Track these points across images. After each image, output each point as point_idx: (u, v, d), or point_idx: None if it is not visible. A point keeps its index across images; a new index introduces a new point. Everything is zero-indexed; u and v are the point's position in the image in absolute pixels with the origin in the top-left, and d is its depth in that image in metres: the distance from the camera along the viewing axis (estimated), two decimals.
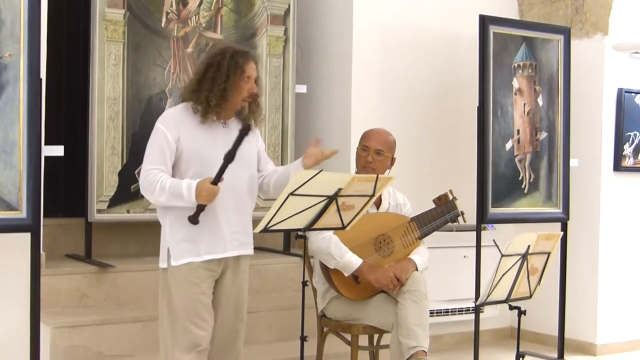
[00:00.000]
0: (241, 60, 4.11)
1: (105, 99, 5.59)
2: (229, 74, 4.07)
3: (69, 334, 4.99)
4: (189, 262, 4.06)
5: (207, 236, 4.07)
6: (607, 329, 6.66)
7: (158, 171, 4.01)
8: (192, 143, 4.05)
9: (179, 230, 4.06)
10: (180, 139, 4.05)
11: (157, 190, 3.99)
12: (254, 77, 4.16)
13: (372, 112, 6.27)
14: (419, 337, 4.51)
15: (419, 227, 4.89)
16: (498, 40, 5.98)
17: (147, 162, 4.07)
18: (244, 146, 4.11)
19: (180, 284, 4.07)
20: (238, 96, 4.10)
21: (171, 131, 4.05)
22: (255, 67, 4.18)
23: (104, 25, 5.56)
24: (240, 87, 4.10)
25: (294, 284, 6.03)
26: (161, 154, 4.04)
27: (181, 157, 4.06)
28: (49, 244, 5.59)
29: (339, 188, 4.02)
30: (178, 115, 4.12)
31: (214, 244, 4.09)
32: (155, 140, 4.08)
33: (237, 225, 4.17)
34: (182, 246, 4.07)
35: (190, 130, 4.06)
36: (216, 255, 4.10)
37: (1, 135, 4.36)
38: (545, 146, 6.24)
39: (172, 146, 4.04)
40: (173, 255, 4.07)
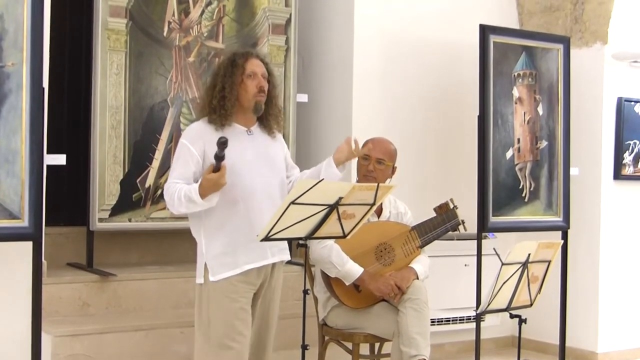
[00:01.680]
0: (239, 59, 4.12)
1: (108, 108, 5.60)
2: (227, 75, 4.09)
3: (70, 342, 4.99)
4: (227, 277, 4.02)
5: (244, 245, 4.03)
6: (608, 337, 6.66)
7: (175, 184, 3.99)
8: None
9: (215, 244, 4.03)
10: (205, 151, 4.02)
11: (176, 202, 3.96)
12: (261, 73, 4.13)
13: (373, 121, 6.28)
14: (420, 345, 4.52)
15: (420, 235, 4.90)
16: (498, 49, 6.00)
17: (172, 177, 4.06)
18: (271, 151, 4.17)
19: (218, 300, 4.02)
20: (245, 94, 4.09)
21: (195, 145, 4.03)
22: (261, 64, 4.15)
23: (106, 35, 5.57)
24: (245, 84, 4.09)
25: (295, 292, 6.02)
26: (183, 167, 4.02)
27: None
28: (50, 253, 5.60)
29: (339, 197, 4.02)
30: (201, 129, 4.10)
31: (253, 254, 4.06)
32: (179, 155, 4.07)
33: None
34: (219, 260, 4.03)
35: (214, 142, 3.92)
36: (256, 264, 4.07)
37: (3, 144, 4.37)
38: (546, 155, 6.26)
39: (197, 159, 4.01)
40: (211, 270, 4.03)
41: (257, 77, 4.12)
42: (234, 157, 3.99)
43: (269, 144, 4.22)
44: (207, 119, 4.11)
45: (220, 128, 4.06)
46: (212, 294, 4.04)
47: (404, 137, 6.03)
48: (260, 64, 4.16)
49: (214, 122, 4.07)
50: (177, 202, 3.96)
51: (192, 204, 3.93)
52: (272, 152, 4.19)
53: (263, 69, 4.16)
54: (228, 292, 4.02)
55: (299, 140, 6.42)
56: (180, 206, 3.96)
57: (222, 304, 4.02)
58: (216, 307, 4.03)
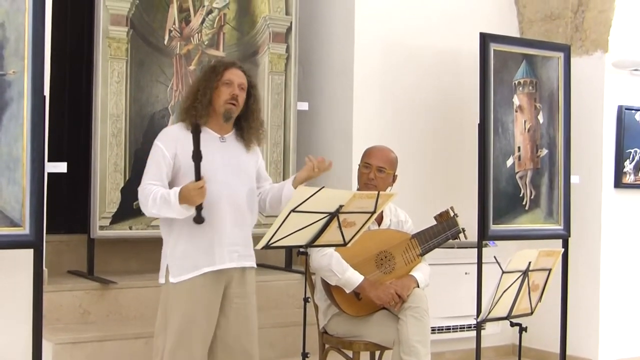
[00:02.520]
0: (220, 67, 4.21)
1: (108, 116, 5.61)
2: (203, 81, 4.18)
3: (71, 350, 4.99)
4: (187, 278, 4.08)
5: (205, 250, 4.09)
6: (609, 345, 6.65)
7: (151, 185, 4.06)
8: (190, 158, 4.07)
9: (178, 247, 4.10)
10: (177, 154, 4.10)
11: (150, 202, 4.02)
12: (238, 83, 4.18)
13: (374, 130, 6.28)
14: (421, 353, 4.51)
15: (420, 243, 4.90)
16: (498, 57, 6.01)
17: (145, 178, 4.13)
18: (242, 161, 4.22)
19: (177, 301, 4.09)
20: (217, 99, 4.15)
21: (168, 147, 4.11)
22: (241, 75, 4.21)
23: (107, 43, 5.58)
24: (220, 90, 4.15)
25: (296, 300, 6.03)
26: (157, 169, 4.10)
27: (179, 173, 4.11)
28: (51, 260, 5.61)
29: (340, 205, 4.03)
30: (175, 132, 4.19)
31: (213, 257, 4.11)
32: (152, 156, 4.16)
33: (237, 238, 4.19)
34: (180, 263, 4.10)
35: (187, 145, 4.09)
36: (214, 267, 4.11)
37: (5, 152, 4.38)
38: (546, 163, 6.26)
39: (169, 162, 4.10)
40: (171, 272, 4.11)
41: (233, 86, 4.17)
42: (205, 162, 4.06)
43: (241, 154, 4.26)
44: (182, 122, 4.20)
45: (193, 130, 4.12)
46: (172, 295, 4.11)
47: (404, 145, 6.03)
48: (240, 75, 4.22)
49: (186, 122, 4.16)
50: (150, 203, 4.02)
51: (167, 207, 3.98)
52: (243, 162, 4.24)
53: (242, 80, 4.22)
54: (187, 294, 4.08)
55: (299, 148, 6.42)
56: (154, 207, 4.03)
57: (181, 305, 4.08)
58: (176, 308, 4.09)
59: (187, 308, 4.07)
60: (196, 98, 4.15)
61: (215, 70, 4.20)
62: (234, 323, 4.20)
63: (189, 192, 3.92)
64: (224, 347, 4.19)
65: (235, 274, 4.20)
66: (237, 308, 4.21)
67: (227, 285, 4.18)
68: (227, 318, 4.19)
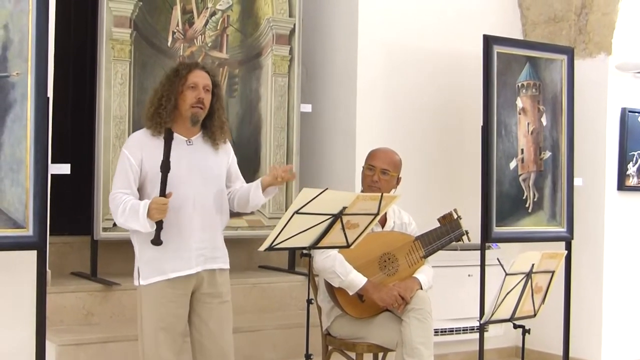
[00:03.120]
0: (183, 70, 4.19)
1: (112, 118, 5.61)
2: (166, 84, 4.17)
3: (75, 351, 4.99)
4: (156, 281, 4.11)
5: (172, 255, 4.11)
6: (612, 348, 6.65)
7: (122, 194, 4.08)
8: (156, 164, 4.05)
9: (147, 251, 4.12)
10: (143, 161, 4.12)
11: (120, 211, 4.06)
12: (203, 85, 4.17)
13: (377, 132, 6.29)
14: (424, 355, 4.51)
15: (424, 246, 4.90)
16: (502, 60, 6.01)
17: (114, 187, 4.16)
18: (210, 162, 4.22)
19: (149, 303, 4.15)
20: (183, 104, 4.15)
21: (134, 154, 4.12)
22: (205, 76, 4.20)
23: (110, 45, 5.59)
24: (185, 95, 4.14)
25: (299, 302, 6.03)
26: (125, 177, 4.12)
27: (146, 179, 4.13)
28: (54, 262, 5.61)
29: (343, 206, 4.04)
30: (140, 138, 4.20)
31: (180, 262, 4.12)
32: (120, 164, 4.17)
33: (204, 241, 4.19)
34: (149, 266, 4.13)
35: (153, 151, 4.10)
36: (181, 273, 4.12)
37: (8, 153, 4.38)
38: (549, 165, 6.26)
39: (136, 169, 4.11)
40: (142, 274, 4.16)
41: (198, 89, 4.16)
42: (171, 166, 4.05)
43: (209, 155, 4.25)
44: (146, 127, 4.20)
45: (157, 135, 4.13)
46: (144, 296, 4.16)
47: (407, 147, 6.03)
48: (204, 76, 4.21)
49: (151, 129, 4.16)
50: (120, 212, 4.06)
51: (134, 218, 4.00)
52: (211, 163, 4.24)
53: (207, 81, 4.21)
54: (157, 296, 4.12)
55: (303, 150, 6.42)
56: (122, 217, 4.06)
57: (153, 307, 4.13)
58: (147, 309, 4.14)
59: (156, 309, 4.12)
60: (160, 104, 4.14)
61: (178, 74, 4.18)
62: (208, 323, 4.22)
63: (157, 209, 3.94)
64: (200, 347, 4.24)
65: (205, 275, 4.21)
66: (209, 308, 4.23)
67: (197, 287, 4.20)
68: (200, 318, 4.23)
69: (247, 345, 5.52)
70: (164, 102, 4.13)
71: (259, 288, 6.01)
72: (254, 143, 6.16)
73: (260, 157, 6.16)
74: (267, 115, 6.20)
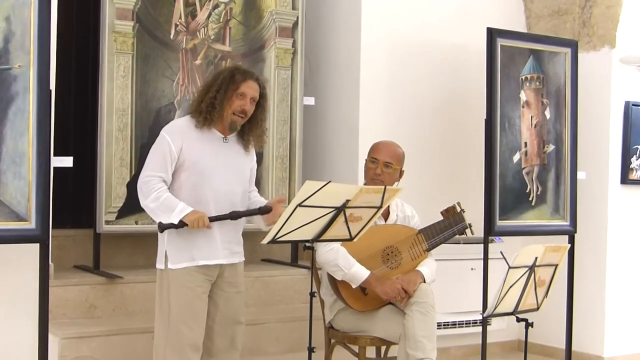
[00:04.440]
0: (239, 76, 4.28)
1: (114, 111, 5.60)
2: (221, 86, 4.25)
3: (77, 344, 5.00)
4: (185, 266, 4.21)
5: (201, 244, 4.23)
6: (615, 341, 6.64)
7: (159, 179, 4.19)
8: (194, 154, 4.21)
9: (176, 238, 4.21)
10: (182, 149, 4.21)
11: (152, 197, 4.16)
12: (251, 96, 4.28)
13: (380, 125, 6.28)
14: (427, 348, 4.51)
15: (427, 239, 4.90)
16: (505, 53, 5.99)
17: (149, 169, 4.24)
18: (241, 162, 4.38)
19: (176, 287, 4.22)
20: (228, 108, 4.25)
21: (175, 141, 4.21)
22: (256, 88, 4.31)
23: (113, 37, 5.58)
24: (232, 100, 4.24)
25: (302, 295, 6.03)
26: (163, 161, 4.22)
27: (182, 167, 4.22)
28: (57, 255, 5.62)
29: (347, 199, 4.03)
30: (183, 126, 4.30)
31: (208, 251, 4.24)
32: (158, 148, 4.26)
33: (230, 234, 4.33)
34: (178, 251, 4.23)
35: (193, 141, 4.23)
36: (210, 262, 4.25)
37: (11, 146, 4.38)
38: (553, 159, 6.25)
39: (174, 155, 4.20)
40: (170, 258, 4.24)
41: (245, 99, 4.27)
42: (206, 160, 4.23)
43: (240, 155, 4.40)
44: (192, 118, 4.30)
45: (200, 129, 4.25)
46: (172, 280, 4.23)
47: (411, 140, 6.02)
48: (255, 88, 4.31)
49: (196, 121, 4.26)
50: (152, 197, 4.16)
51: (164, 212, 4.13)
52: (241, 163, 4.41)
53: (256, 93, 4.31)
54: (186, 281, 4.22)
55: (306, 143, 6.42)
56: (153, 203, 4.17)
57: (181, 291, 4.21)
58: (175, 293, 4.22)
59: (185, 294, 4.20)
60: (212, 103, 4.24)
61: (233, 80, 4.26)
62: (223, 310, 4.34)
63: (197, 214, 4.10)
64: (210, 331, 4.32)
65: (227, 267, 4.35)
66: (226, 297, 4.35)
67: (220, 273, 4.33)
68: (216, 305, 4.34)
69: (250, 338, 5.51)
70: (216, 103, 4.23)
71: (261, 281, 6.01)
72: None
73: (263, 150, 6.15)
74: (270, 108, 6.18)
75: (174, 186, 4.24)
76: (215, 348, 4.35)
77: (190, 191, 4.21)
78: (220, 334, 4.34)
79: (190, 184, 4.21)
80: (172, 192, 4.21)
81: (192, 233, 4.16)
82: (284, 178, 6.26)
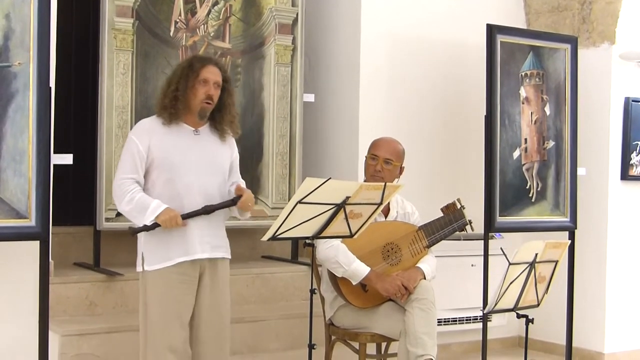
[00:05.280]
0: (197, 64, 4.25)
1: (114, 108, 5.60)
2: (181, 77, 4.22)
3: (78, 342, 5.00)
4: (161, 267, 4.16)
5: (177, 241, 4.17)
6: (615, 337, 6.65)
7: (131, 181, 4.17)
8: (163, 151, 4.18)
9: (152, 238, 4.17)
10: (150, 147, 4.18)
11: (127, 199, 4.14)
12: (214, 81, 4.23)
13: (380, 121, 6.28)
14: (427, 345, 4.51)
15: (427, 235, 4.90)
16: (505, 49, 5.99)
17: (120, 172, 4.22)
18: (216, 153, 4.30)
19: (152, 288, 4.19)
20: (194, 98, 4.21)
21: (142, 140, 4.19)
22: (217, 73, 4.26)
23: (112, 34, 5.58)
24: (195, 89, 4.20)
25: (302, 292, 6.03)
26: (132, 163, 4.19)
27: (152, 165, 4.19)
28: (57, 252, 5.62)
29: (347, 196, 4.03)
30: (149, 124, 4.27)
31: (185, 248, 4.18)
32: (127, 150, 4.23)
33: (209, 229, 4.25)
34: (154, 252, 4.18)
35: (161, 138, 4.20)
36: (187, 258, 4.18)
37: (11, 144, 4.37)
38: (553, 155, 6.25)
39: (143, 155, 4.18)
40: (146, 260, 4.20)
41: (208, 85, 4.22)
42: (176, 155, 4.18)
43: (215, 146, 4.33)
44: (157, 116, 4.27)
45: (168, 125, 4.21)
46: (149, 282, 4.20)
47: (411, 137, 6.02)
48: (216, 72, 4.27)
49: (163, 119, 4.23)
50: (127, 200, 4.15)
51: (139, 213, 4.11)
52: (217, 154, 4.32)
53: (218, 77, 4.27)
54: (162, 282, 4.17)
55: (306, 140, 6.42)
56: (127, 205, 4.15)
57: (157, 293, 4.17)
58: (152, 295, 4.19)
59: (162, 296, 4.16)
60: (175, 96, 4.20)
61: (192, 68, 4.23)
62: (206, 311, 4.25)
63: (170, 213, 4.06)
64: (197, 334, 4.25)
65: (207, 265, 4.25)
66: (209, 299, 4.26)
67: (200, 275, 4.24)
68: (198, 306, 4.25)
69: (250, 335, 5.52)
70: (179, 95, 4.19)
71: (262, 278, 6.01)
72: (257, 133, 6.15)
73: (263, 146, 6.16)
74: (269, 105, 6.19)
75: (147, 185, 4.21)
76: (203, 350, 4.25)
77: (162, 188, 4.17)
78: (208, 335, 4.25)
79: (161, 180, 4.17)
80: (146, 192, 4.18)
81: (167, 231, 4.11)
82: (284, 175, 6.26)
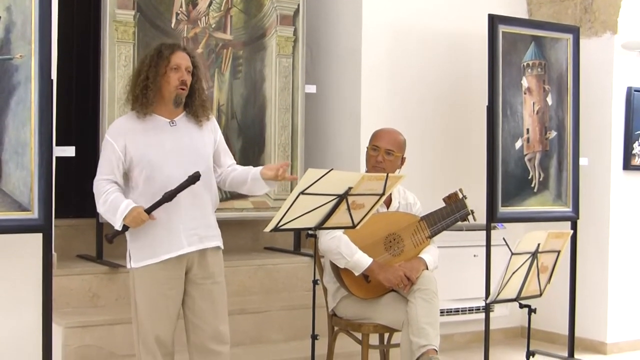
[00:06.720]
0: (166, 51, 4.18)
1: (116, 100, 5.60)
2: (151, 65, 4.15)
3: (81, 334, 5.01)
4: (147, 264, 4.13)
5: (162, 237, 4.12)
6: (618, 327, 6.65)
7: (107, 182, 4.12)
8: (140, 148, 4.11)
9: (138, 234, 4.13)
10: (127, 147, 4.12)
11: (102, 200, 4.11)
12: (185, 66, 4.17)
13: (382, 112, 6.28)
14: (430, 335, 4.51)
15: (429, 226, 4.90)
16: (507, 39, 5.99)
17: (98, 174, 4.18)
18: (195, 141, 4.22)
19: (139, 285, 4.16)
20: (166, 85, 4.14)
21: (117, 141, 4.13)
22: (187, 57, 4.21)
23: (114, 26, 5.57)
24: (167, 76, 4.13)
25: (305, 283, 6.03)
26: (109, 164, 4.14)
27: (132, 164, 4.13)
28: (60, 245, 5.62)
29: (349, 187, 4.03)
30: (123, 123, 4.21)
31: (169, 244, 4.12)
32: (103, 152, 4.18)
33: (196, 220, 4.18)
34: (141, 249, 4.15)
35: (136, 135, 4.13)
36: (173, 254, 4.13)
37: (13, 136, 4.38)
38: (555, 145, 6.25)
39: (119, 155, 4.12)
40: (133, 257, 4.17)
41: (181, 70, 4.16)
42: (152, 151, 4.11)
43: (194, 134, 4.24)
44: (130, 111, 4.22)
45: (142, 117, 4.15)
46: (136, 279, 4.18)
47: (412, 127, 6.02)
48: (185, 57, 4.21)
49: (135, 111, 4.17)
50: (102, 201, 4.11)
51: (111, 214, 4.07)
52: (196, 142, 4.23)
53: (188, 62, 4.21)
54: (148, 279, 4.14)
55: (307, 131, 6.41)
56: (102, 206, 4.12)
57: (144, 289, 4.15)
58: (139, 292, 4.16)
59: (149, 292, 4.13)
60: (146, 85, 4.13)
61: (161, 55, 4.16)
62: (200, 303, 4.21)
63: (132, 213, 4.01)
64: (194, 327, 4.23)
65: (196, 256, 4.20)
66: (201, 289, 4.22)
67: (188, 268, 4.20)
68: (192, 298, 4.21)
69: (253, 326, 5.53)
70: (149, 83, 4.13)
71: (264, 269, 6.02)
72: (259, 124, 6.15)
73: (265, 138, 6.16)
74: (271, 96, 6.19)
75: (131, 183, 4.15)
76: (202, 344, 4.23)
77: (145, 185, 4.10)
78: (203, 328, 4.22)
79: (142, 178, 4.10)
80: (130, 190, 4.14)
81: (152, 227, 4.06)
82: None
